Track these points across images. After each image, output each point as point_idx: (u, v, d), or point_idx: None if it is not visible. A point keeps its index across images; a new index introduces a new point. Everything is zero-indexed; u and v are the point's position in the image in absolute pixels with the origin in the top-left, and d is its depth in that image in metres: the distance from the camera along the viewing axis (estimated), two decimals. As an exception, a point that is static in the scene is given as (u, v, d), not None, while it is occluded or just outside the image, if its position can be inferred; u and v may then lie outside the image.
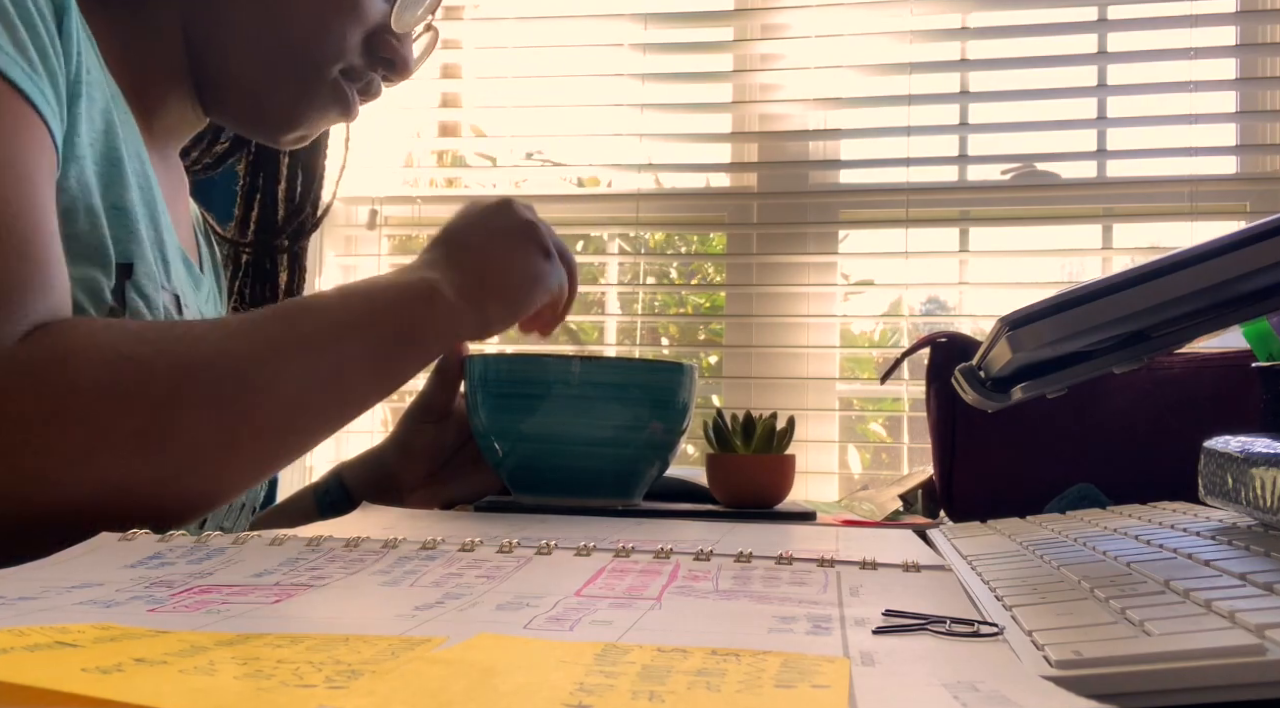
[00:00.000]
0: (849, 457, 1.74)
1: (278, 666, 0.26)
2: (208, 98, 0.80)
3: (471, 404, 0.79)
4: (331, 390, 0.64)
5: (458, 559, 0.46)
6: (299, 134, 0.82)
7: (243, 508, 0.82)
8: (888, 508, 0.92)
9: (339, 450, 1.76)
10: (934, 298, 1.77)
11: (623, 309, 1.80)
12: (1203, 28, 1.58)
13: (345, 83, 0.80)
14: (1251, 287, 0.44)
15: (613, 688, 0.25)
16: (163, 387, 0.57)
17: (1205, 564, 0.41)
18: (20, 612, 0.35)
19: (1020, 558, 0.50)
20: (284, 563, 0.44)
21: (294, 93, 0.79)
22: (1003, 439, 0.84)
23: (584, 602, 0.38)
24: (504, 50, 1.79)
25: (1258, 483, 0.47)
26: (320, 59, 0.78)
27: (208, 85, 0.79)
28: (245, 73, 0.78)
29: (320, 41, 0.77)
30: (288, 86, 0.78)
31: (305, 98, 0.79)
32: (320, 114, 0.81)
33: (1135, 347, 0.52)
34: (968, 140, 1.66)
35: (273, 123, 0.81)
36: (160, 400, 0.56)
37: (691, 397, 0.79)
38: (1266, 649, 0.29)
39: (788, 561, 0.46)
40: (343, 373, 0.64)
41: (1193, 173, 1.57)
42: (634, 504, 0.79)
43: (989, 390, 0.54)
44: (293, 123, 0.81)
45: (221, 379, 0.59)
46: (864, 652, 0.31)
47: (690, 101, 1.79)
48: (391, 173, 1.82)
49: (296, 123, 0.81)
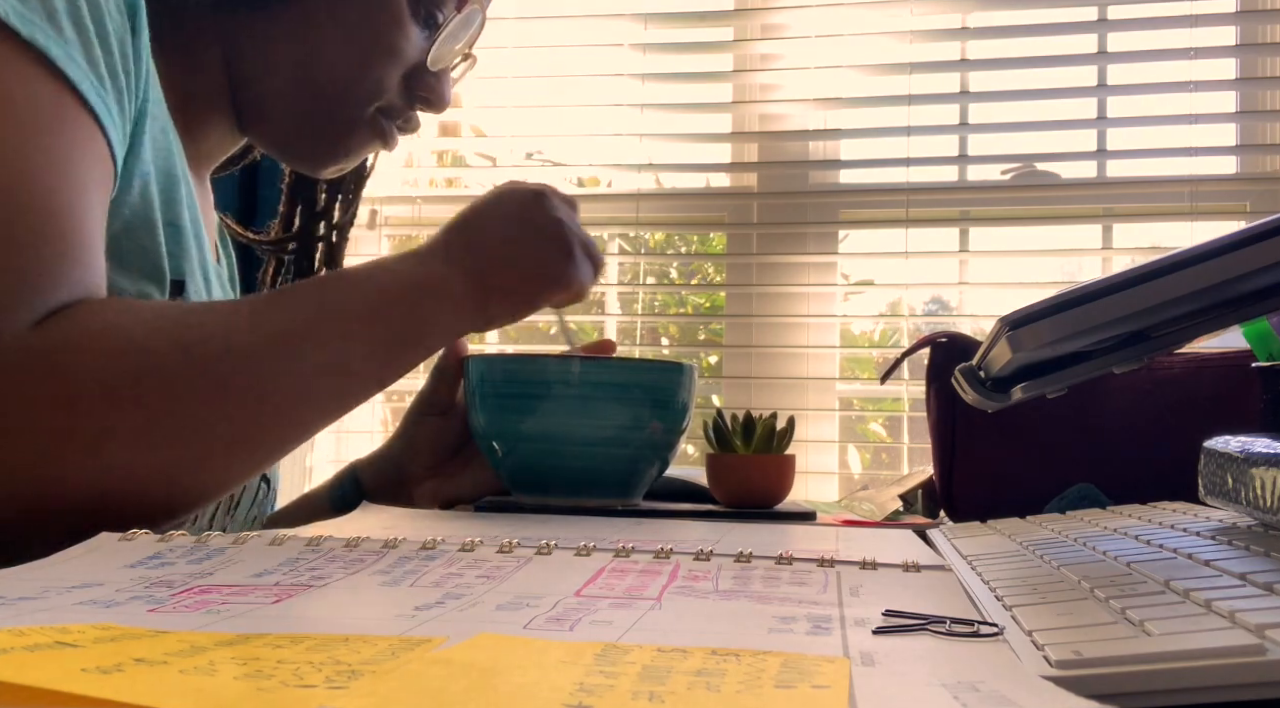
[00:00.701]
0: (849, 457, 1.74)
1: (278, 666, 0.26)
2: (248, 128, 0.81)
3: (471, 404, 0.79)
4: (335, 384, 0.64)
5: (458, 559, 0.46)
6: (337, 167, 0.84)
7: (254, 521, 0.82)
8: (888, 508, 0.92)
9: (339, 450, 1.76)
10: (934, 298, 1.77)
11: (623, 309, 1.80)
12: (1203, 28, 1.58)
13: (384, 120, 0.81)
14: (1251, 287, 0.44)
15: (613, 688, 0.25)
16: (174, 379, 0.57)
17: (1205, 564, 0.41)
18: (20, 612, 0.35)
19: (1020, 558, 0.50)
20: (284, 563, 0.44)
21: (331, 132, 0.80)
22: (1003, 439, 0.84)
23: (584, 602, 0.38)
24: (504, 50, 1.79)
25: (1258, 483, 0.47)
26: (358, 100, 0.79)
27: (247, 118, 0.80)
28: (283, 111, 0.79)
29: (359, 84, 0.78)
30: (325, 126, 0.80)
31: (343, 136, 0.81)
32: (358, 149, 0.83)
33: (1135, 347, 0.52)
34: (968, 140, 1.66)
35: (310, 157, 0.83)
36: (171, 393, 0.56)
37: (691, 397, 0.79)
38: (1266, 649, 0.29)
39: (788, 561, 0.46)
40: (347, 366, 0.65)
41: (1193, 173, 1.57)
42: (634, 504, 0.79)
43: (989, 390, 0.54)
44: (330, 158, 0.82)
45: (233, 372, 0.59)
46: (864, 652, 0.31)
47: (690, 101, 1.79)
48: (391, 173, 1.82)
49: (334, 158, 0.83)
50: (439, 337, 0.71)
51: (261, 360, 0.60)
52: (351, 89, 0.78)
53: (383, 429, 1.74)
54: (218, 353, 0.59)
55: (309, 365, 0.62)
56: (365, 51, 0.77)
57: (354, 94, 0.78)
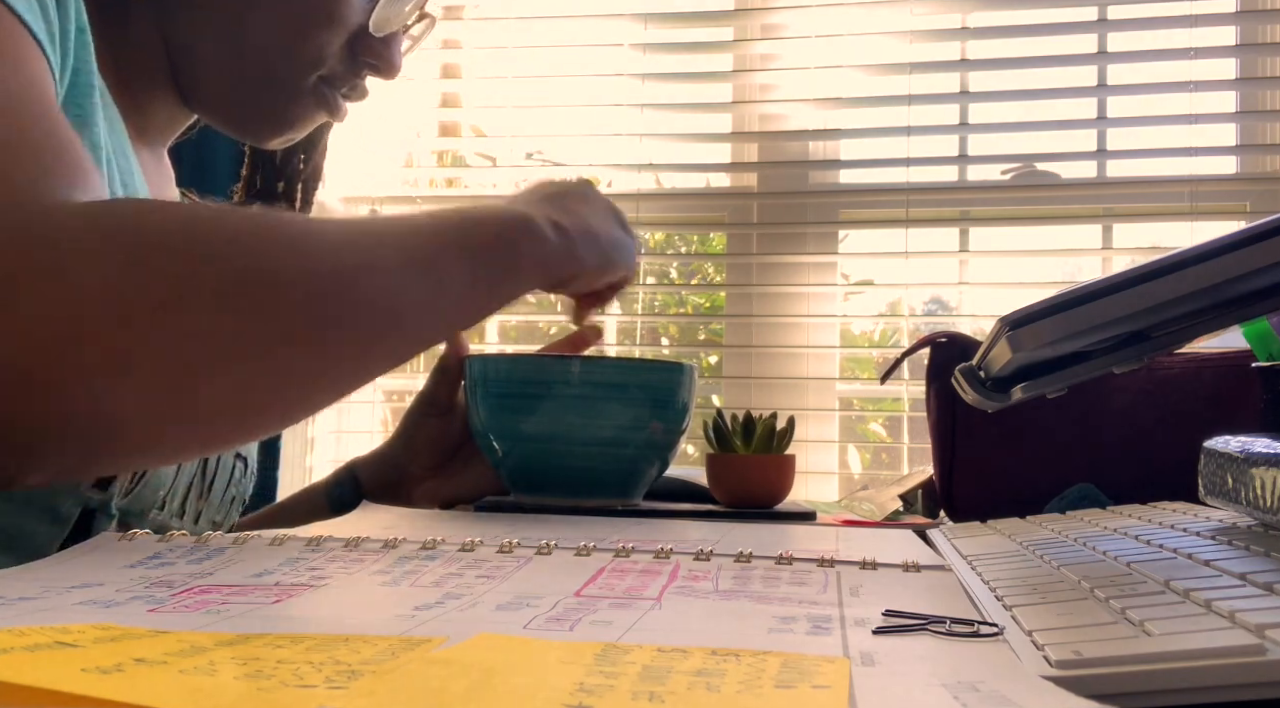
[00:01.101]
0: (849, 457, 1.74)
1: (278, 666, 0.26)
2: (189, 101, 0.79)
3: (471, 404, 0.79)
4: (431, 297, 0.59)
5: (458, 559, 0.46)
6: (284, 138, 0.82)
7: (233, 501, 0.81)
8: (888, 508, 0.92)
9: (339, 450, 1.76)
10: (934, 298, 1.77)
11: (623, 309, 1.80)
12: (1203, 28, 1.58)
13: (327, 88, 0.79)
14: (1251, 287, 0.44)
15: (613, 688, 0.25)
16: (248, 248, 0.51)
17: (1205, 564, 0.41)
18: (20, 612, 0.35)
19: (1020, 558, 0.50)
20: (284, 563, 0.44)
21: (271, 103, 0.78)
22: (1003, 439, 0.84)
23: (584, 602, 0.38)
24: (504, 50, 1.79)
25: (1258, 483, 0.47)
26: (295, 71, 0.77)
27: (187, 90, 0.78)
28: (220, 81, 0.77)
29: (296, 51, 0.76)
30: (264, 97, 0.78)
31: (284, 107, 0.79)
32: (303, 119, 0.81)
33: (1135, 347, 0.52)
34: (968, 140, 1.66)
35: (254, 129, 0.81)
36: (245, 263, 0.50)
37: (691, 397, 0.79)
38: (1266, 649, 0.29)
39: (788, 561, 0.46)
40: (444, 283, 0.60)
41: (1193, 173, 1.57)
42: (634, 504, 0.79)
43: (989, 390, 0.54)
44: (275, 130, 0.81)
45: (317, 257, 0.53)
46: (864, 652, 0.31)
47: (690, 101, 1.79)
48: (391, 173, 1.82)
49: (278, 130, 0.81)
50: (532, 269, 0.67)
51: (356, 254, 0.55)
52: (288, 57, 0.76)
53: (383, 429, 1.74)
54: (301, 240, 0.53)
55: (404, 274, 0.57)
56: (300, 17, 0.75)
57: (292, 62, 0.76)
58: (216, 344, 0.49)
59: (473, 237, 0.63)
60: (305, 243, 0.54)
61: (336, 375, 0.56)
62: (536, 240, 0.67)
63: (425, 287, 0.59)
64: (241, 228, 0.52)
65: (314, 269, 0.53)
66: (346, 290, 0.54)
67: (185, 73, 0.77)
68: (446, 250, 0.61)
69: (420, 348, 0.62)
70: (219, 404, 0.51)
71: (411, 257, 0.58)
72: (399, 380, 1.79)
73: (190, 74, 0.77)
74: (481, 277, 0.63)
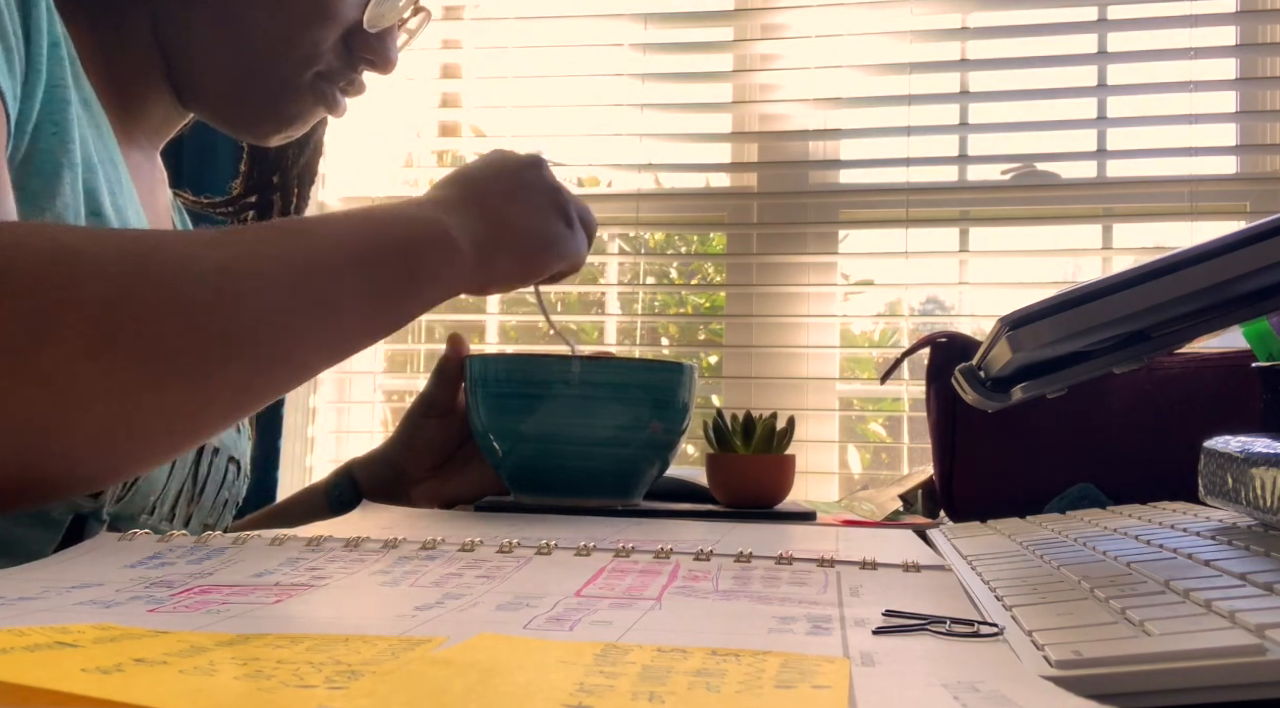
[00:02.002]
0: (849, 457, 1.74)
1: (278, 666, 0.26)
2: (185, 101, 0.79)
3: (471, 404, 0.79)
4: (321, 320, 0.57)
5: (458, 559, 0.46)
6: (282, 135, 0.82)
7: (225, 505, 0.81)
8: (888, 508, 0.92)
9: (339, 450, 1.76)
10: (934, 298, 1.77)
11: (623, 309, 1.80)
12: (1203, 28, 1.58)
13: (324, 84, 0.79)
14: (1251, 287, 0.44)
15: (613, 688, 0.25)
16: (116, 283, 0.48)
17: (1205, 564, 0.41)
18: (20, 612, 0.35)
19: (1020, 558, 0.50)
20: (284, 563, 0.44)
21: (268, 99, 0.78)
22: (1003, 439, 0.84)
23: (584, 602, 0.38)
24: (504, 50, 1.79)
25: (1258, 483, 0.47)
26: (291, 67, 0.76)
27: (182, 89, 0.78)
28: (215, 80, 0.77)
29: (291, 47, 0.75)
30: (260, 95, 0.77)
31: (281, 104, 0.78)
32: (300, 116, 0.80)
33: (1135, 347, 0.52)
34: (968, 140, 1.66)
35: (251, 127, 0.81)
36: (113, 298, 0.48)
37: (691, 397, 0.79)
38: (1266, 649, 0.29)
39: (788, 561, 0.46)
40: (335, 303, 0.57)
41: (1193, 173, 1.57)
42: (634, 504, 0.79)
43: (989, 390, 0.54)
44: (273, 127, 0.80)
45: (192, 287, 0.51)
46: (864, 652, 0.31)
47: (690, 101, 1.79)
48: (391, 173, 1.82)
49: (276, 127, 0.80)
50: (438, 287, 0.65)
51: (229, 279, 0.52)
52: (284, 53, 0.75)
53: (383, 429, 1.74)
54: (175, 267, 0.51)
55: (289, 292, 0.55)
56: (295, 13, 0.74)
57: (287, 58, 0.75)
58: (83, 388, 0.47)
59: (371, 251, 0.60)
60: (181, 272, 0.51)
61: (222, 407, 0.54)
62: (446, 250, 0.64)
63: (313, 311, 0.56)
64: (110, 259, 0.49)
65: (190, 299, 0.51)
66: (226, 323, 0.52)
67: (181, 71, 0.76)
68: (340, 269, 0.58)
69: (314, 371, 0.60)
70: (91, 446, 0.49)
71: (299, 278, 0.55)
72: (399, 380, 1.79)
73: (186, 73, 0.76)
74: (379, 294, 0.60)
